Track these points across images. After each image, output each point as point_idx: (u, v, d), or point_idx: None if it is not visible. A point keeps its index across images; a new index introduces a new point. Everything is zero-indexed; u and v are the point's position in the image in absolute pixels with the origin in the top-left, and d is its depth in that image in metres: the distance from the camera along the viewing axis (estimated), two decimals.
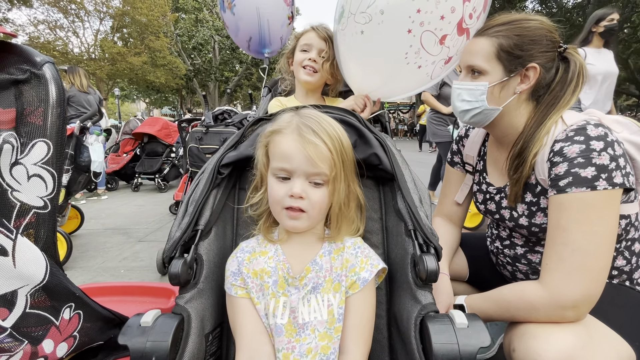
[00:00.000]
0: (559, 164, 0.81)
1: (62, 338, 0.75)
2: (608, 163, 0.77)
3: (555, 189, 0.82)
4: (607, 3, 14.22)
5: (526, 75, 0.91)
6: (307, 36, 1.39)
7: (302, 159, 0.67)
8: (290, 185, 0.69)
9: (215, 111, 3.28)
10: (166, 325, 0.63)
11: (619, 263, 0.92)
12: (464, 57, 0.99)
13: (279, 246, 0.77)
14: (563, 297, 0.76)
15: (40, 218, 0.72)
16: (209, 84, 21.97)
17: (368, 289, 0.73)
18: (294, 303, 0.71)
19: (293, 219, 0.70)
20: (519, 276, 1.10)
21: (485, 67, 0.92)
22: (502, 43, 0.90)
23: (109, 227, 3.62)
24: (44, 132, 0.72)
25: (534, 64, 0.89)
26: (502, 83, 0.92)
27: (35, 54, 0.74)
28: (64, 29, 15.74)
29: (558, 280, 0.78)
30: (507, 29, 0.91)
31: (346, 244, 0.77)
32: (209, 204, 0.79)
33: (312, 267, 0.73)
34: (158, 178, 5.51)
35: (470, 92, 0.95)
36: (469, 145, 1.21)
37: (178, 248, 0.71)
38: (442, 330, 0.59)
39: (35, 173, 0.71)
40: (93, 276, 2.43)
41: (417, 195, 0.76)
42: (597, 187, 0.76)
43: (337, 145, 0.70)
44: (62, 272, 0.77)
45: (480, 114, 0.96)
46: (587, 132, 0.80)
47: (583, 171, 0.78)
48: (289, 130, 0.70)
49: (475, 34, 0.98)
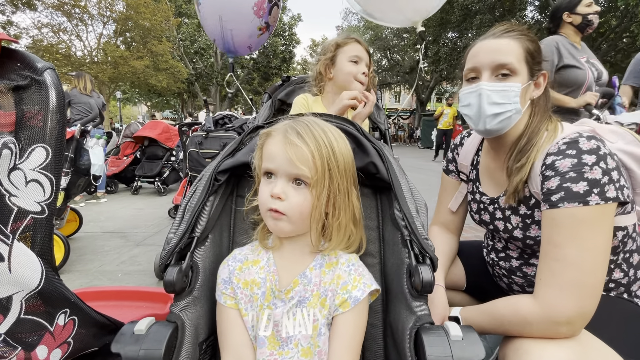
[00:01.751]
0: (551, 178, 0.80)
1: (57, 344, 0.75)
2: (600, 177, 0.76)
3: (547, 203, 0.81)
4: (606, 13, 14.35)
5: (538, 83, 0.93)
6: (354, 48, 1.40)
7: (283, 159, 0.68)
8: (272, 185, 0.70)
9: (215, 116, 3.30)
10: (159, 333, 0.62)
11: (616, 276, 0.91)
12: (489, 56, 0.93)
13: (271, 255, 0.76)
14: (557, 313, 0.75)
15: (37, 223, 0.72)
16: (211, 88, 22.07)
17: (359, 309, 0.70)
18: (278, 316, 0.70)
19: (275, 219, 0.69)
20: (515, 288, 1.10)
21: (517, 66, 0.90)
22: (528, 46, 0.90)
23: (108, 230, 3.61)
24: (43, 137, 0.73)
25: (545, 71, 0.92)
26: (526, 87, 0.91)
27: (36, 60, 0.75)
28: (67, 32, 15.85)
29: (552, 296, 0.77)
30: (527, 33, 0.92)
31: (340, 259, 0.75)
32: (206, 211, 0.79)
33: (300, 280, 0.72)
34: (158, 181, 5.51)
35: (503, 94, 0.90)
36: (463, 154, 1.21)
37: (174, 255, 0.71)
38: (437, 343, 0.58)
39: (34, 178, 0.72)
40: (90, 280, 2.42)
41: (414, 204, 0.76)
42: (589, 202, 0.75)
43: (324, 150, 0.69)
44: (57, 277, 0.77)
45: (509, 119, 0.92)
46: (579, 145, 0.79)
47: (575, 186, 0.77)
48: (277, 132, 0.71)
49: (493, 36, 0.95)
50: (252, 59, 22.51)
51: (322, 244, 0.75)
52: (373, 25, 23.20)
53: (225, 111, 3.47)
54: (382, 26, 23.29)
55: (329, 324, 0.71)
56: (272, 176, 0.71)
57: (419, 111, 21.91)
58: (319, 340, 0.69)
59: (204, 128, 3.03)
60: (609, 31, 14.55)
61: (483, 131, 0.97)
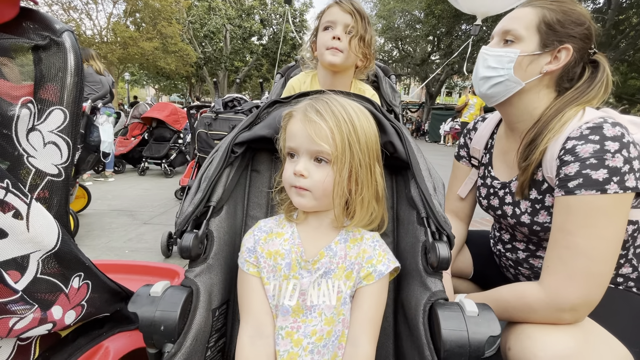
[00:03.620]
0: (570, 163, 0.78)
1: (71, 306, 0.76)
2: (622, 165, 0.74)
3: (563, 189, 0.79)
4: (628, 9, 13.90)
5: (557, 57, 0.88)
6: (329, 12, 1.22)
7: (304, 137, 0.69)
8: (295, 163, 0.72)
9: (225, 98, 3.28)
10: (175, 296, 0.63)
11: (624, 271, 0.90)
12: (502, 22, 0.95)
13: (295, 229, 0.77)
14: (562, 300, 0.75)
15: (54, 185, 0.72)
16: (219, 73, 21.94)
17: (382, 283, 0.72)
18: (305, 286, 0.71)
19: (299, 195, 0.71)
20: (522, 279, 1.09)
21: (522, 33, 0.89)
22: (546, 15, 0.88)
23: (115, 208, 3.65)
24: (61, 100, 0.72)
25: (569, 45, 0.86)
26: (533, 56, 0.89)
27: (55, 21, 0.74)
28: (77, 10, 15.78)
29: (558, 283, 0.76)
30: (555, 4, 0.89)
31: (365, 235, 0.77)
32: (222, 182, 0.79)
33: (326, 252, 0.73)
34: (165, 163, 5.54)
35: (498, 59, 0.92)
36: (477, 139, 1.19)
37: (190, 222, 0.71)
38: (452, 317, 0.58)
39: (51, 140, 0.72)
40: (98, 254, 2.46)
41: (432, 183, 0.75)
42: (607, 190, 0.73)
43: (345, 126, 0.69)
44: (73, 241, 0.78)
45: (501, 85, 0.92)
46: (603, 131, 0.77)
47: (595, 173, 0.75)
48: (298, 112, 0.72)
49: (521, 4, 0.95)
50: (262, 45, 22.30)
51: (345, 220, 0.76)
52: (385, 14, 22.76)
53: (234, 94, 3.44)
54: (394, 16, 22.87)
55: (352, 296, 0.73)
56: (294, 155, 0.73)
57: (427, 104, 21.62)
58: (343, 309, 0.71)
59: (214, 109, 3.02)
60: (629, 29, 14.10)
61: (481, 96, 1.00)
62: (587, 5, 15.37)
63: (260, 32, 22.12)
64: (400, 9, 21.94)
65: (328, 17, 1.21)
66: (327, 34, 1.20)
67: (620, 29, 14.19)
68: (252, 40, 22.41)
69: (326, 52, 1.20)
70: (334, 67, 1.22)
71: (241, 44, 21.58)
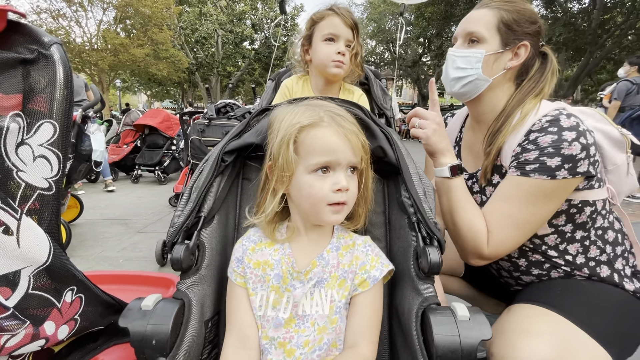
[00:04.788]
0: (531, 151, 0.86)
1: (64, 321, 0.75)
2: (578, 152, 0.82)
3: (519, 170, 0.87)
4: (612, 9, 14.18)
5: (517, 53, 0.96)
6: (331, 22, 1.21)
7: (347, 149, 0.67)
8: (332, 179, 0.67)
9: (217, 104, 3.28)
10: (167, 309, 0.63)
11: (592, 254, 0.95)
12: (463, 25, 1.02)
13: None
14: (492, 256, 0.92)
15: (44, 199, 0.72)
16: (211, 78, 21.90)
17: (377, 288, 0.72)
18: (298, 297, 0.70)
19: (337, 213, 0.68)
20: (504, 274, 1.12)
21: (485, 34, 0.96)
22: (503, 15, 0.95)
23: (108, 217, 3.62)
24: (51, 113, 0.72)
25: (526, 42, 0.95)
26: (497, 54, 0.96)
27: (43, 35, 0.74)
28: (66, 18, 15.66)
29: (496, 244, 0.90)
30: (508, 4, 0.96)
31: (357, 241, 0.76)
32: (213, 192, 0.79)
33: (318, 261, 0.72)
34: (158, 170, 5.51)
35: (466, 59, 0.98)
36: (447, 133, 1.23)
37: (181, 234, 0.71)
38: (444, 322, 0.59)
39: (41, 154, 0.71)
40: (91, 265, 2.44)
41: (422, 188, 0.76)
42: (556, 176, 0.83)
43: (360, 134, 0.72)
44: (65, 255, 0.77)
45: (472, 84, 0.99)
46: (560, 123, 0.84)
47: (549, 160, 0.83)
48: (326, 122, 0.67)
49: (476, 6, 1.02)
50: (254, 49, 22.31)
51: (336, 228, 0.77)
52: (376, 17, 22.95)
53: (227, 99, 3.44)
54: (385, 19, 23.07)
55: (347, 304, 0.72)
56: (327, 170, 0.67)
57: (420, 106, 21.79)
58: (337, 318, 0.70)
59: (206, 116, 3.02)
60: (614, 27, 14.39)
61: (453, 95, 1.05)
62: (572, 6, 15.67)
63: (252, 37, 22.14)
64: (390, 12, 22.15)
65: (331, 29, 1.22)
66: (331, 47, 1.22)
67: (605, 28, 14.48)
68: (244, 45, 22.42)
69: (331, 64, 1.23)
70: (336, 77, 1.27)
71: (233, 48, 21.58)
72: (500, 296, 1.31)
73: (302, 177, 0.68)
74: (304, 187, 0.68)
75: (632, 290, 0.92)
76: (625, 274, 0.95)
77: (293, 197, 0.73)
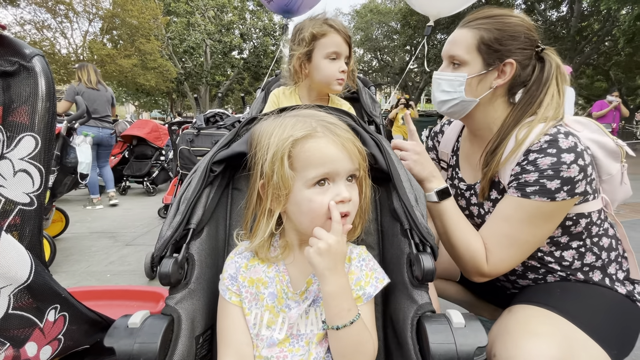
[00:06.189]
0: (531, 172, 0.86)
1: (46, 341, 0.72)
2: (576, 175, 0.82)
3: (520, 192, 0.87)
4: (589, 17, 14.73)
5: (503, 71, 0.95)
6: (333, 40, 1.22)
7: (345, 158, 0.64)
8: (332, 191, 0.63)
9: (207, 113, 3.26)
10: (155, 326, 0.60)
11: (588, 260, 0.96)
12: (446, 47, 1.02)
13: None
14: (493, 274, 0.93)
15: (25, 215, 0.69)
16: (200, 88, 21.82)
17: (370, 303, 0.70)
18: (293, 319, 0.68)
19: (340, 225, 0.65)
20: (501, 277, 1.11)
21: (465, 57, 0.96)
22: (483, 36, 0.93)
23: (95, 230, 3.53)
24: (32, 126, 0.70)
25: (512, 60, 0.93)
26: (480, 76, 0.95)
27: (24, 46, 0.72)
28: (51, 29, 15.44)
29: (496, 263, 0.91)
30: (489, 22, 0.94)
31: (352, 254, 0.73)
32: (202, 203, 0.78)
33: (313, 279, 0.70)
34: (147, 181, 5.42)
35: (450, 83, 0.99)
36: (444, 142, 1.25)
37: (169, 247, 0.69)
38: (439, 330, 0.58)
39: (22, 168, 0.69)
40: (78, 281, 2.36)
41: (413, 194, 0.76)
42: (556, 198, 0.84)
43: (356, 140, 0.70)
44: (47, 272, 0.74)
45: (458, 105, 1.00)
46: (558, 144, 0.84)
47: (549, 183, 0.83)
48: (320, 132, 0.64)
49: (459, 26, 1.01)
50: (243, 59, 22.36)
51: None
52: (363, 26, 23.32)
53: (216, 109, 3.42)
54: (372, 27, 23.45)
55: None
56: (325, 182, 0.64)
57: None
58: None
59: (195, 125, 2.99)
60: (591, 34, 14.94)
61: (443, 114, 1.06)
62: (551, 14, 16.20)
63: (241, 47, 22.20)
64: (377, 21, 22.55)
65: (334, 47, 1.23)
66: (334, 65, 1.25)
67: (583, 35, 15.01)
68: (233, 55, 22.44)
69: (335, 82, 1.27)
70: (336, 93, 1.33)
71: (222, 58, 21.58)
72: (496, 300, 1.31)
73: (300, 193, 0.64)
74: (303, 203, 0.64)
75: (624, 294, 0.93)
76: (617, 277, 0.96)
77: (290, 214, 0.68)
